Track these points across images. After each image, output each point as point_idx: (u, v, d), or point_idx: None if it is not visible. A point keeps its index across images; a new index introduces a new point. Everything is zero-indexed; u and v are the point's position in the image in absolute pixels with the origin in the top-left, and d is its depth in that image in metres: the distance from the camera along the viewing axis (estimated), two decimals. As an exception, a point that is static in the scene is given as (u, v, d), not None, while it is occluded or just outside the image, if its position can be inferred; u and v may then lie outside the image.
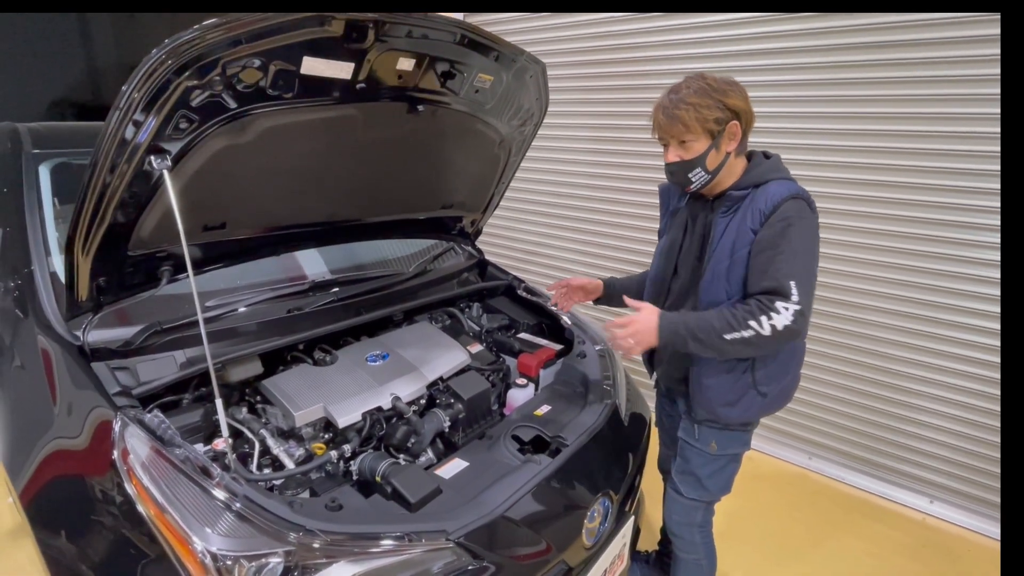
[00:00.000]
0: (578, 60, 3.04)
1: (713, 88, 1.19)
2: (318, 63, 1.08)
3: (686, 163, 1.23)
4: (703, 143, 1.20)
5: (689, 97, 1.19)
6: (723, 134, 1.20)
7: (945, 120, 2.07)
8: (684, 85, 1.22)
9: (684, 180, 1.27)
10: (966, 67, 1.99)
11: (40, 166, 1.71)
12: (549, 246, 3.50)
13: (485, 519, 1.09)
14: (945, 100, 2.05)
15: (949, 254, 2.15)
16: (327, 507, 1.05)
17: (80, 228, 1.08)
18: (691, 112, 1.18)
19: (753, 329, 1.15)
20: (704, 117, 1.18)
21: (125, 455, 1.01)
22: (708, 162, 1.22)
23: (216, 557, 0.89)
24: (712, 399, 1.32)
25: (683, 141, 1.22)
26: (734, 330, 1.17)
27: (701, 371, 1.32)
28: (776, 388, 1.32)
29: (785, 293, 1.15)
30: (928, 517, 2.35)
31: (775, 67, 2.40)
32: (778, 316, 1.14)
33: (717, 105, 1.18)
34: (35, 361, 1.26)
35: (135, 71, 0.92)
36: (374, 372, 1.50)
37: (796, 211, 1.17)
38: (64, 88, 7.29)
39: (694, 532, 1.48)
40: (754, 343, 1.16)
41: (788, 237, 1.16)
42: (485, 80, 1.43)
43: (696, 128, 1.19)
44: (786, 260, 1.16)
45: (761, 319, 1.15)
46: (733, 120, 1.19)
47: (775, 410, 1.37)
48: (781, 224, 1.17)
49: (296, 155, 1.31)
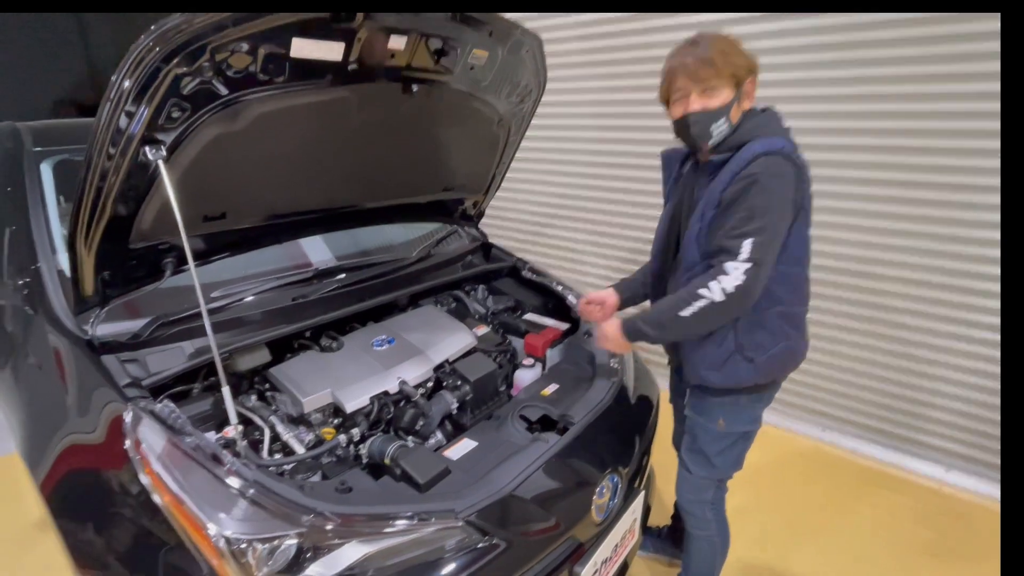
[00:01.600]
0: (579, 34, 2.97)
1: (733, 40, 1.18)
2: (307, 45, 1.06)
3: (710, 113, 1.18)
4: (728, 92, 1.17)
5: (715, 43, 1.16)
6: (743, 88, 1.18)
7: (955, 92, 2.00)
8: (703, 36, 1.19)
9: (704, 133, 1.20)
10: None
11: (42, 164, 1.72)
12: (554, 226, 3.48)
13: (494, 497, 1.10)
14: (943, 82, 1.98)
15: (957, 217, 2.09)
16: (337, 490, 1.06)
17: (80, 223, 1.09)
18: (721, 56, 1.14)
19: (704, 298, 1.14)
20: (733, 63, 1.15)
21: (137, 445, 1.02)
22: (732, 115, 1.19)
23: (230, 541, 0.91)
24: (698, 362, 1.31)
25: (709, 88, 1.16)
26: (688, 305, 1.16)
27: (688, 344, 1.33)
28: (764, 354, 1.27)
29: (733, 251, 1.13)
30: (944, 486, 2.33)
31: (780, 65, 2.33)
32: (727, 278, 1.13)
33: (740, 53, 1.17)
34: (47, 356, 1.28)
35: (123, 60, 0.91)
36: (380, 357, 1.50)
37: (764, 167, 1.13)
38: (66, 88, 7.32)
39: (705, 509, 1.48)
40: (714, 311, 1.15)
41: (748, 194, 1.13)
42: (480, 56, 1.40)
43: (725, 72, 1.15)
44: (743, 220, 1.13)
45: (710, 285, 1.14)
46: (751, 76, 1.19)
47: (769, 378, 1.32)
48: (744, 182, 1.14)
49: (292, 141, 1.29)
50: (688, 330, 1.22)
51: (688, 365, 1.35)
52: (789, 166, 1.14)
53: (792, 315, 1.29)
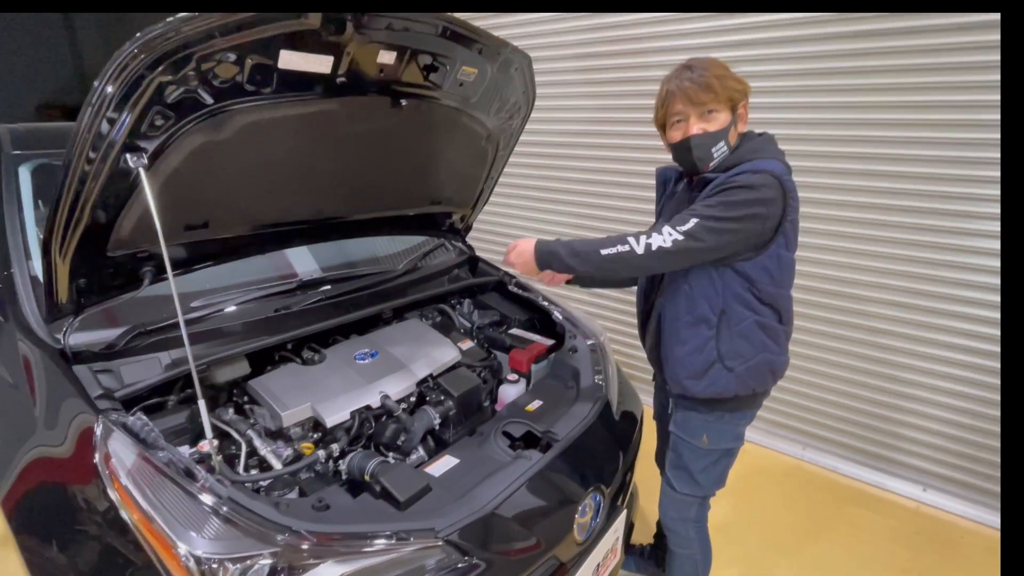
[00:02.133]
0: (569, 53, 3.02)
1: (723, 65, 1.21)
2: (296, 57, 1.06)
3: (711, 135, 1.20)
4: (726, 116, 1.20)
5: (710, 67, 1.19)
6: (738, 112, 1.22)
7: (938, 109, 2.07)
8: (698, 61, 1.22)
9: (706, 156, 1.22)
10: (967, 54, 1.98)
11: (20, 167, 1.68)
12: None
13: (475, 516, 1.09)
14: (942, 88, 2.05)
15: (940, 243, 2.15)
16: (314, 507, 1.04)
17: (56, 229, 1.06)
18: (718, 81, 1.17)
19: (628, 245, 1.17)
20: (729, 86, 1.18)
21: (107, 459, 0.99)
22: (730, 136, 1.22)
23: (200, 561, 0.88)
24: (679, 371, 1.32)
25: (708, 111, 1.20)
26: (611, 246, 1.19)
27: (668, 344, 1.33)
28: (743, 365, 1.28)
29: (678, 223, 1.16)
30: (922, 505, 2.36)
31: (785, 56, 2.39)
32: (657, 237, 1.16)
33: (735, 78, 1.20)
34: (16, 365, 1.24)
35: (107, 65, 0.90)
36: (363, 370, 1.48)
37: (746, 180, 1.15)
38: (52, 91, 7.22)
39: (688, 527, 1.47)
40: (626, 259, 1.17)
41: (718, 193, 1.16)
42: (469, 73, 1.42)
43: (722, 96, 1.18)
44: (701, 208, 1.16)
45: (640, 238, 1.17)
46: (745, 99, 1.22)
47: (748, 389, 1.32)
48: (723, 186, 1.17)
49: (278, 151, 1.29)
50: (599, 269, 1.22)
51: (670, 375, 1.35)
52: (774, 185, 1.15)
53: (770, 327, 1.29)
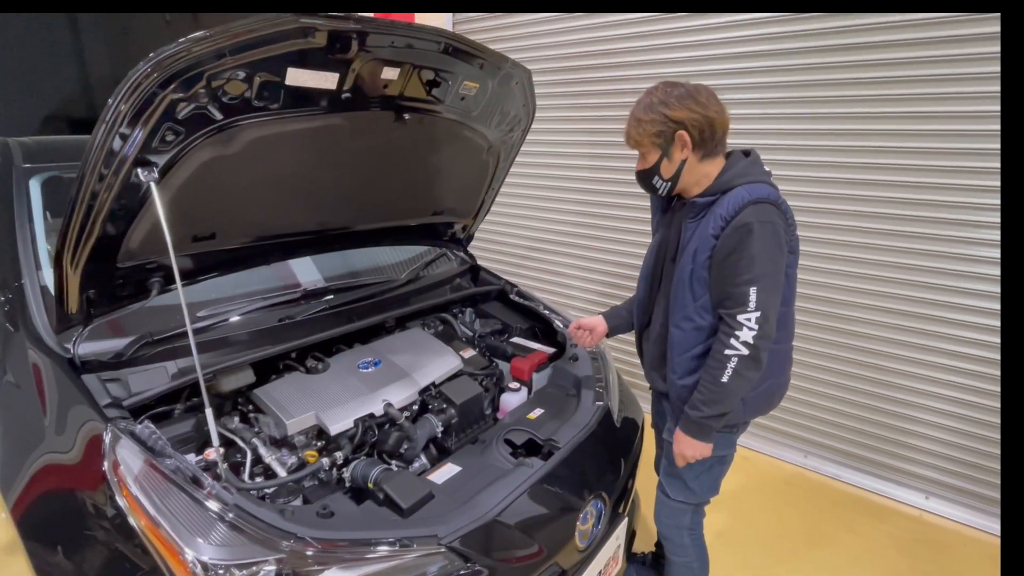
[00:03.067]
0: (568, 66, 3.07)
1: (661, 102, 1.23)
2: (303, 74, 1.09)
3: (646, 172, 1.31)
4: (654, 154, 1.27)
5: (637, 113, 1.26)
6: (672, 144, 1.24)
7: (936, 119, 2.09)
8: (639, 100, 1.28)
9: (649, 187, 1.34)
10: (964, 65, 2.00)
11: (31, 180, 1.71)
12: (541, 251, 3.52)
13: (477, 523, 1.10)
14: (938, 99, 2.07)
15: (942, 251, 2.17)
16: (318, 514, 1.05)
17: (68, 241, 1.09)
18: (636, 127, 1.26)
19: (734, 356, 1.20)
20: (646, 131, 1.24)
21: (116, 467, 1.01)
22: (663, 170, 1.28)
23: (207, 567, 0.89)
24: (687, 397, 1.32)
25: (640, 153, 1.30)
26: (723, 369, 1.21)
27: (676, 374, 1.34)
28: (754, 392, 1.32)
29: (743, 301, 1.18)
30: (924, 513, 2.36)
31: (768, 69, 2.42)
32: (742, 332, 1.19)
33: (660, 119, 1.22)
34: (26, 374, 1.26)
35: (121, 84, 0.93)
36: (366, 379, 1.50)
37: (756, 215, 1.18)
38: (58, 103, 7.29)
39: (683, 535, 1.48)
40: (748, 365, 1.20)
41: (747, 244, 1.18)
42: (471, 88, 1.45)
43: (644, 141, 1.26)
44: (745, 267, 1.18)
45: (732, 343, 1.20)
46: (678, 131, 1.22)
47: (757, 415, 1.38)
48: (742, 230, 1.18)
49: (284, 165, 1.32)
50: (736, 393, 1.24)
51: (676, 401, 1.37)
52: (777, 213, 1.21)
53: (780, 352, 1.34)
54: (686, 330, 1.30)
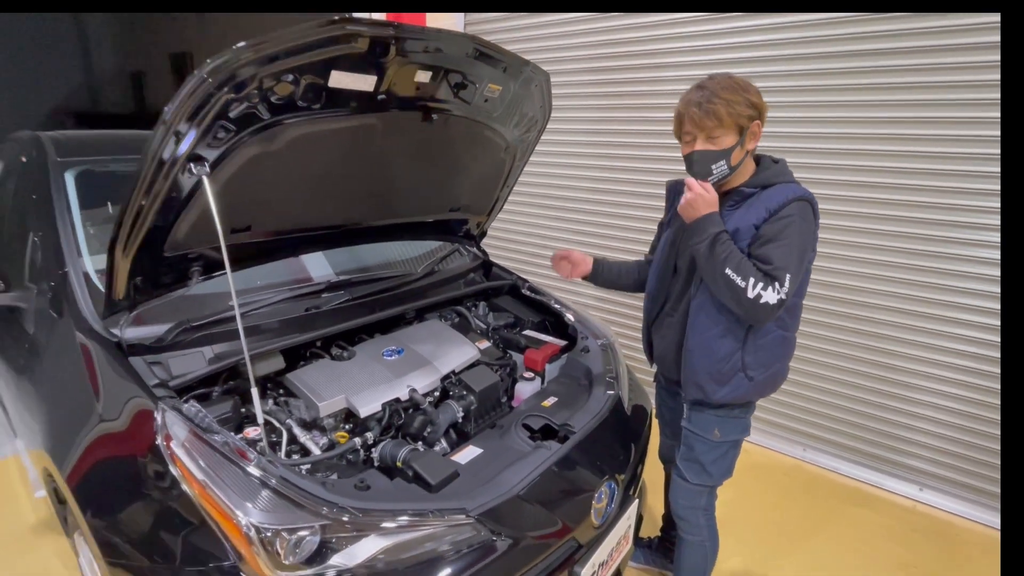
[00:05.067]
0: (582, 67, 3.15)
1: (740, 86, 1.26)
2: (344, 76, 1.17)
3: (712, 153, 1.28)
4: (731, 138, 1.27)
5: (721, 92, 1.24)
6: (748, 132, 1.28)
7: (938, 110, 2.16)
8: (713, 82, 1.28)
9: (705, 171, 1.31)
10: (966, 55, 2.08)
11: (65, 173, 1.79)
12: (552, 248, 3.59)
13: (501, 498, 1.18)
14: (942, 99, 2.15)
15: (939, 252, 2.25)
16: (356, 487, 1.13)
17: (123, 230, 1.16)
18: (725, 107, 1.23)
19: (747, 284, 1.24)
20: (737, 112, 1.24)
21: (168, 441, 1.09)
22: (733, 157, 1.29)
23: (258, 530, 0.97)
24: (702, 380, 1.40)
25: (713, 136, 1.27)
26: (737, 273, 1.25)
27: (692, 354, 1.41)
28: (763, 374, 1.40)
29: (781, 280, 1.25)
30: (918, 504, 2.44)
31: (781, 73, 2.50)
32: (768, 293, 1.24)
33: (746, 102, 1.25)
34: (74, 358, 1.34)
35: (179, 90, 1.01)
36: (391, 366, 1.58)
37: (800, 211, 1.27)
38: (63, 97, 7.35)
39: (699, 515, 1.56)
40: (735, 295, 1.26)
41: (789, 233, 1.26)
42: (494, 90, 1.53)
43: (728, 123, 1.25)
44: (785, 253, 1.25)
45: (758, 285, 1.24)
46: (757, 120, 1.28)
47: (763, 395, 1.45)
48: (786, 220, 1.26)
49: (319, 162, 1.39)
50: (710, 277, 1.30)
51: (690, 381, 1.44)
52: (814, 214, 1.30)
53: (788, 339, 1.43)
54: (710, 314, 1.37)
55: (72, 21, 7.32)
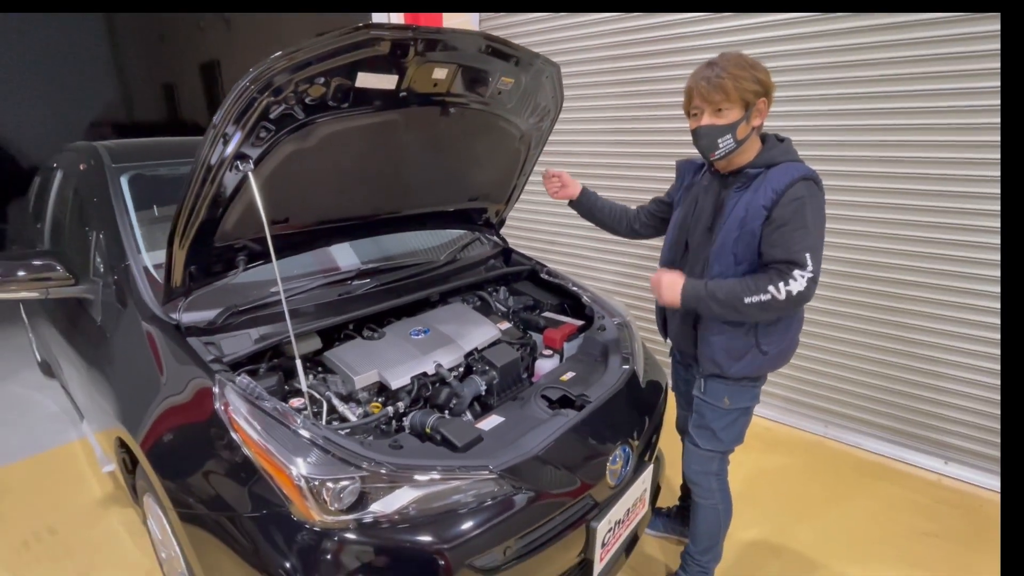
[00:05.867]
0: (595, 56, 3.21)
1: (749, 63, 1.32)
2: (370, 77, 1.29)
3: (718, 127, 1.33)
4: (737, 113, 1.32)
5: (730, 68, 1.30)
6: (754, 108, 1.33)
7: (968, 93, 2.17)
8: (723, 58, 1.34)
9: (711, 145, 1.36)
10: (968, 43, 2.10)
11: (120, 177, 1.97)
12: (567, 234, 3.68)
13: (521, 457, 1.29)
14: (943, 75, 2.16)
15: (962, 224, 2.24)
16: (391, 446, 1.26)
17: (179, 224, 1.31)
18: (732, 81, 1.29)
19: (771, 293, 1.30)
20: (743, 88, 1.29)
21: (227, 407, 1.23)
22: (738, 132, 1.33)
23: (307, 479, 1.11)
24: (718, 356, 1.48)
25: (720, 109, 1.32)
26: (753, 294, 1.32)
27: (708, 331, 1.48)
28: (776, 348, 1.47)
29: (802, 264, 1.30)
30: (943, 478, 2.45)
31: (790, 67, 2.53)
32: (794, 283, 1.29)
33: (753, 78, 1.30)
34: (140, 341, 1.50)
35: (226, 98, 1.14)
36: (418, 344, 1.71)
37: (807, 191, 1.32)
38: (101, 110, 7.80)
39: (711, 480, 1.64)
40: (770, 307, 1.31)
41: (802, 214, 1.30)
42: (507, 83, 1.63)
43: (735, 97, 1.30)
44: (802, 236, 1.30)
45: (779, 285, 1.30)
46: (763, 97, 1.33)
47: (776, 367, 1.52)
48: (796, 203, 1.31)
49: (348, 156, 1.52)
50: (738, 313, 1.34)
51: (705, 356, 1.51)
52: (820, 190, 1.35)
53: (800, 314, 1.49)
54: None
55: (105, 37, 7.73)
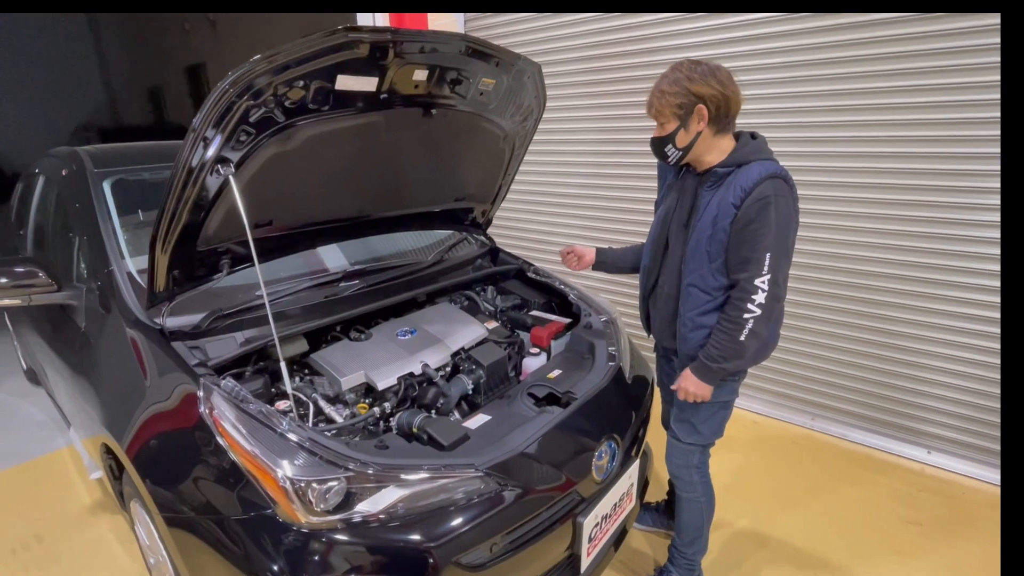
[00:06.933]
0: (579, 56, 3.23)
1: (686, 77, 1.36)
2: (349, 79, 1.29)
3: (660, 139, 1.44)
4: (672, 124, 1.40)
5: (662, 85, 1.38)
6: (690, 116, 1.37)
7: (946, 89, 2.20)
8: (665, 74, 1.41)
9: (660, 154, 1.47)
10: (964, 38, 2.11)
11: (103, 183, 1.96)
12: (556, 233, 3.70)
13: (507, 455, 1.30)
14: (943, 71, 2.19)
15: (942, 217, 2.28)
16: (376, 447, 1.26)
17: (161, 229, 1.31)
18: (659, 98, 1.39)
19: (750, 315, 1.36)
20: (668, 103, 1.37)
21: (211, 411, 1.23)
22: (678, 140, 1.41)
23: (293, 481, 1.11)
24: (697, 351, 1.49)
25: (660, 123, 1.43)
26: (740, 329, 1.38)
27: (686, 329, 1.51)
28: (756, 344, 1.47)
29: (759, 266, 1.34)
30: (927, 467, 2.49)
31: (778, 65, 2.56)
32: (757, 295, 1.35)
33: (682, 92, 1.36)
34: (124, 347, 1.50)
35: (205, 102, 1.14)
36: (405, 344, 1.71)
37: (773, 190, 1.34)
38: (86, 114, 7.73)
39: (692, 473, 1.66)
40: (761, 321, 1.37)
41: (765, 213, 1.34)
42: (488, 84, 1.63)
43: (665, 112, 1.39)
44: (763, 235, 1.34)
45: (747, 306, 1.36)
46: (698, 104, 1.36)
47: (755, 363, 1.54)
48: (761, 202, 1.34)
49: (331, 158, 1.52)
50: (750, 347, 1.41)
51: (685, 352, 1.54)
52: (788, 189, 1.38)
53: (779, 309, 1.49)
54: (700, 289, 1.46)
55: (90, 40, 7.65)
